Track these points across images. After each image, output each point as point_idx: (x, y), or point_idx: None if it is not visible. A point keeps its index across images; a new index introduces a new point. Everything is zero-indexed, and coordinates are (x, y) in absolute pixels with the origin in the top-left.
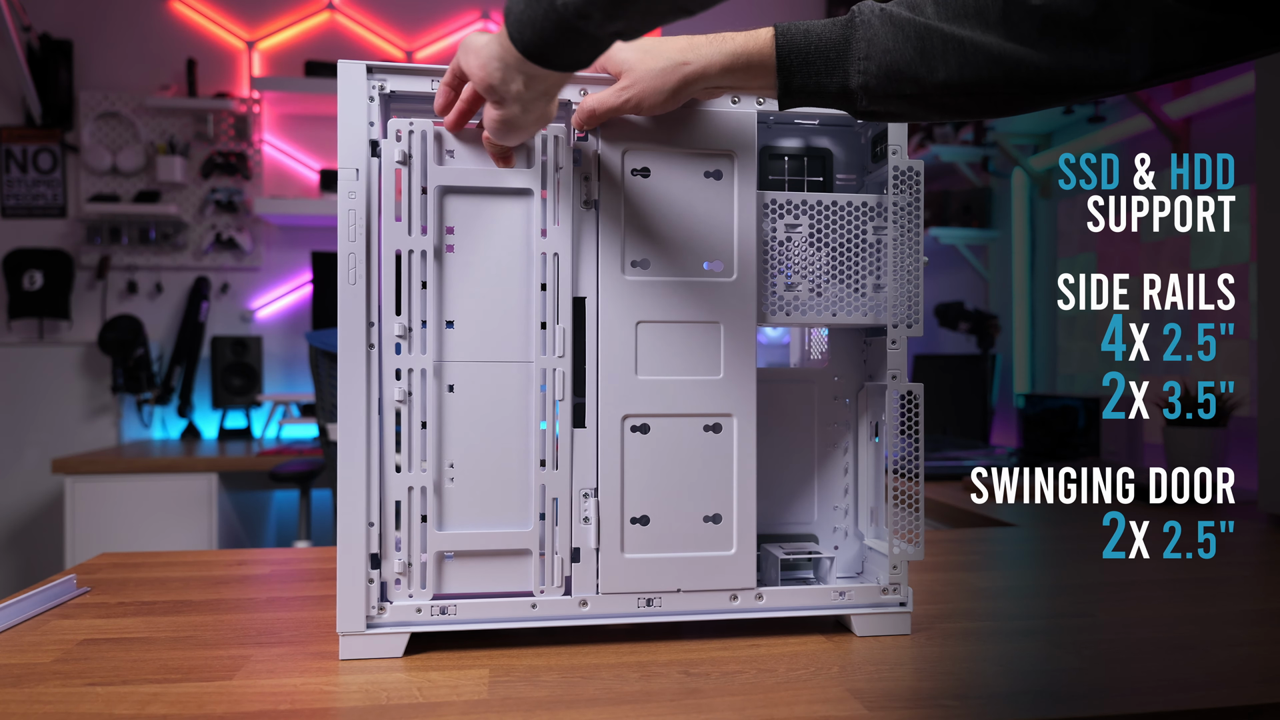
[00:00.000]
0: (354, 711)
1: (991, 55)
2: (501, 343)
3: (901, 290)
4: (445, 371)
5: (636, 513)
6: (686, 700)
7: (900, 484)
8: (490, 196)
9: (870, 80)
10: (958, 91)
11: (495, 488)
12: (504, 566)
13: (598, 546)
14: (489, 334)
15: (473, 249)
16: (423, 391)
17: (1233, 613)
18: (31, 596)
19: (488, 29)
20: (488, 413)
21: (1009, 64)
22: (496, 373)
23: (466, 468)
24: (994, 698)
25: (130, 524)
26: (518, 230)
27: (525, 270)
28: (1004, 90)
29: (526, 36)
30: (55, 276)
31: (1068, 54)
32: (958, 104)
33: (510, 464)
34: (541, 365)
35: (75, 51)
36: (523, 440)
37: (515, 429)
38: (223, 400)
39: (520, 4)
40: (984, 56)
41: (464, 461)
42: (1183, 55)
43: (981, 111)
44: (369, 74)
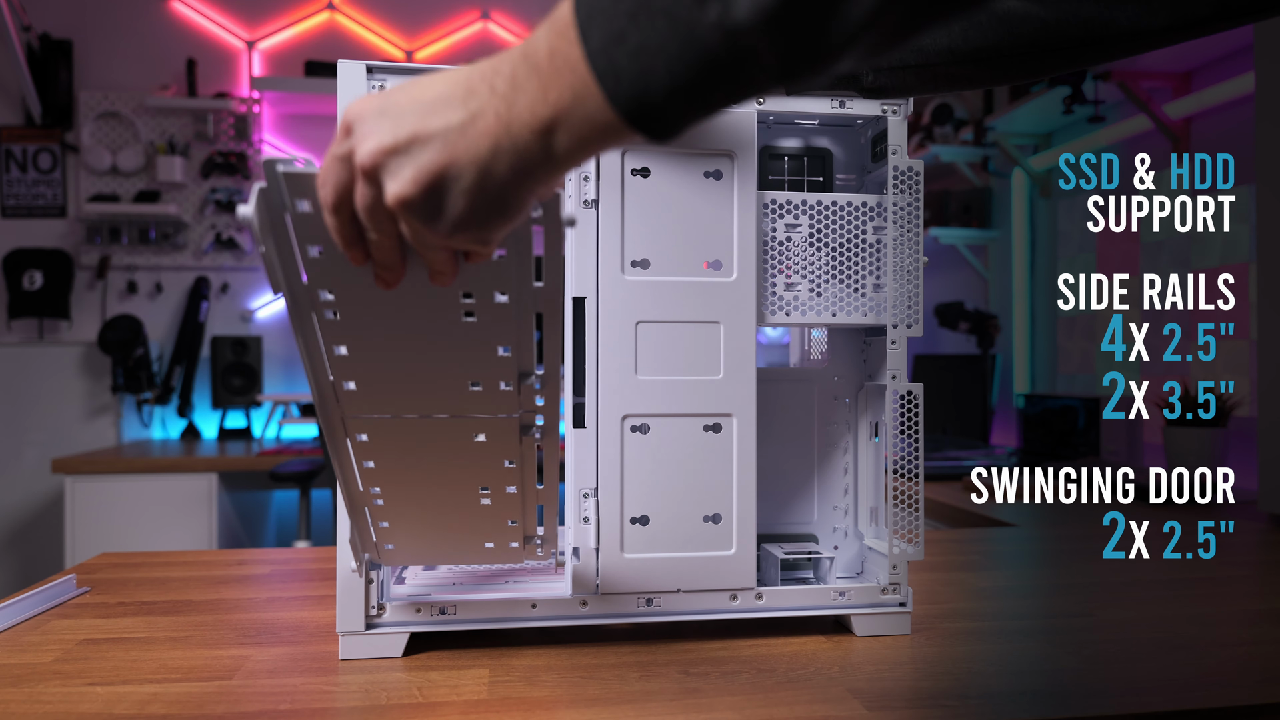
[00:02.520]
0: (353, 711)
1: (997, 16)
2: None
3: (901, 290)
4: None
5: (636, 513)
6: (686, 700)
7: (900, 484)
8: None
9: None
10: (964, 59)
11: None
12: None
13: (598, 546)
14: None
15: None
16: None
17: (1233, 613)
18: (31, 596)
19: (487, 29)
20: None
21: (1014, 22)
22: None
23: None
24: (993, 698)
25: (130, 524)
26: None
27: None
28: (1012, 53)
29: (644, 79)
30: (55, 276)
31: (1077, 5)
32: (966, 73)
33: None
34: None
35: (75, 51)
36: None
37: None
38: (223, 400)
39: (620, 20)
40: (989, 18)
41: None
42: (1200, 8)
43: (994, 78)
44: (369, 74)
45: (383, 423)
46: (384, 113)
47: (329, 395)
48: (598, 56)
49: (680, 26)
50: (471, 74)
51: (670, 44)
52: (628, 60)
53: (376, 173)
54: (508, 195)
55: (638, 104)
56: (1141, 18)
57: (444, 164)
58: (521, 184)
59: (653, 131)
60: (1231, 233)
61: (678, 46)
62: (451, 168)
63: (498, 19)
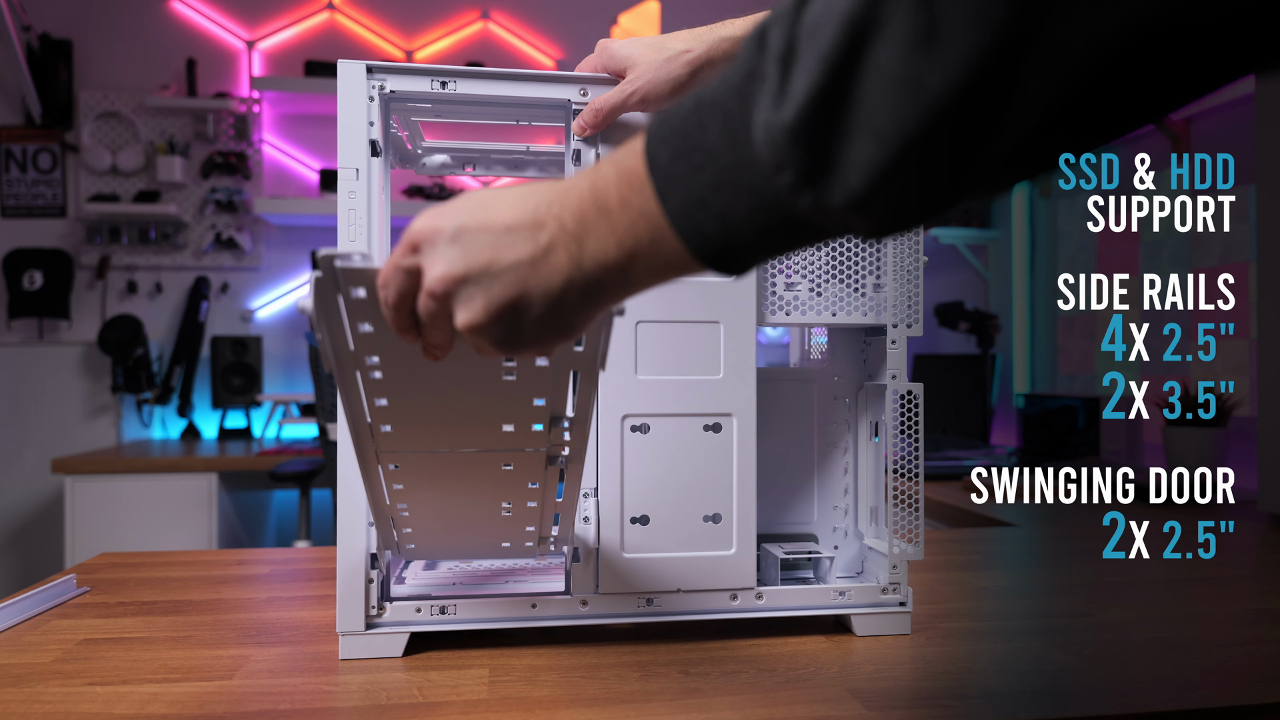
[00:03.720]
0: (354, 711)
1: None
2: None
3: (901, 290)
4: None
5: (636, 512)
6: (686, 700)
7: (900, 484)
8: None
9: None
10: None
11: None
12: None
13: (598, 546)
14: None
15: None
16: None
17: (1233, 613)
18: (31, 596)
19: (488, 29)
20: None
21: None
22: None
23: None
24: (993, 697)
25: (130, 524)
26: None
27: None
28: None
29: (714, 231)
30: (55, 276)
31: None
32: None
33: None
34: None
35: (75, 51)
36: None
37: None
38: (223, 400)
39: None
40: None
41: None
42: None
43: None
44: (369, 74)
45: (410, 456)
46: (455, 240)
47: (365, 434)
48: (679, 218)
49: (768, 204)
50: (539, 203)
51: (759, 217)
52: (712, 224)
53: (447, 299)
54: (574, 320)
55: (718, 255)
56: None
57: (515, 297)
58: (589, 310)
59: (730, 272)
60: (1231, 233)
61: (766, 219)
62: (522, 300)
63: (498, 19)
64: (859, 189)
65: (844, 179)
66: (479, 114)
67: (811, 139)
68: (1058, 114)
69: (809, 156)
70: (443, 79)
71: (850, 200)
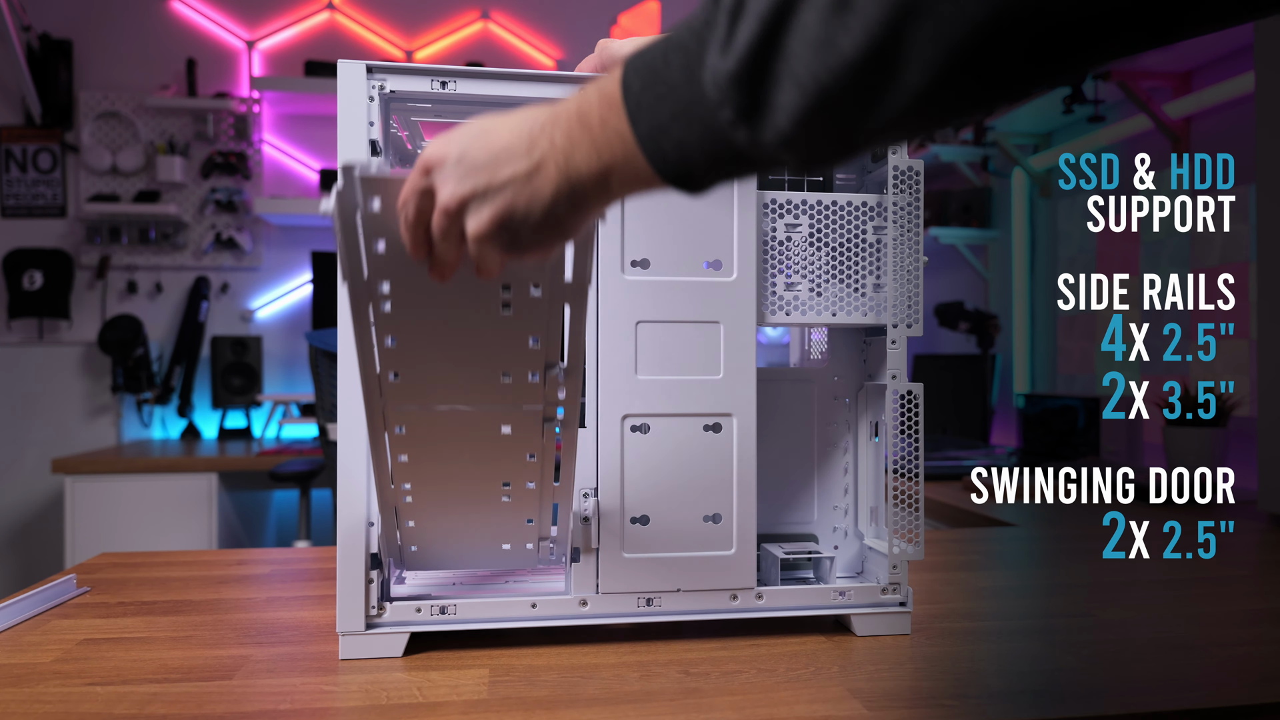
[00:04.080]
0: (354, 711)
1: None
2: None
3: (901, 290)
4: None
5: (636, 512)
6: (686, 700)
7: (900, 484)
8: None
9: None
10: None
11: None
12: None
13: (598, 546)
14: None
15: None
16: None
17: (1233, 613)
18: (31, 596)
19: (488, 29)
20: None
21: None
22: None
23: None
24: (993, 697)
25: (130, 524)
26: None
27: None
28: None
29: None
30: (55, 276)
31: None
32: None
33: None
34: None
35: (75, 51)
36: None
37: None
38: (223, 400)
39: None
40: None
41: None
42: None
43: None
44: (369, 74)
45: (419, 415)
46: (461, 161)
47: (374, 388)
48: (646, 140)
49: (714, 135)
50: (533, 126)
51: (707, 144)
52: (671, 148)
53: (459, 214)
54: (566, 224)
55: (677, 175)
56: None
57: (515, 206)
58: (577, 216)
59: (688, 190)
60: (1231, 233)
61: (713, 147)
62: (521, 209)
63: (498, 19)
64: (785, 129)
65: (773, 120)
66: (479, 114)
67: (749, 84)
68: (947, 75)
69: (747, 98)
70: (443, 79)
71: (778, 138)
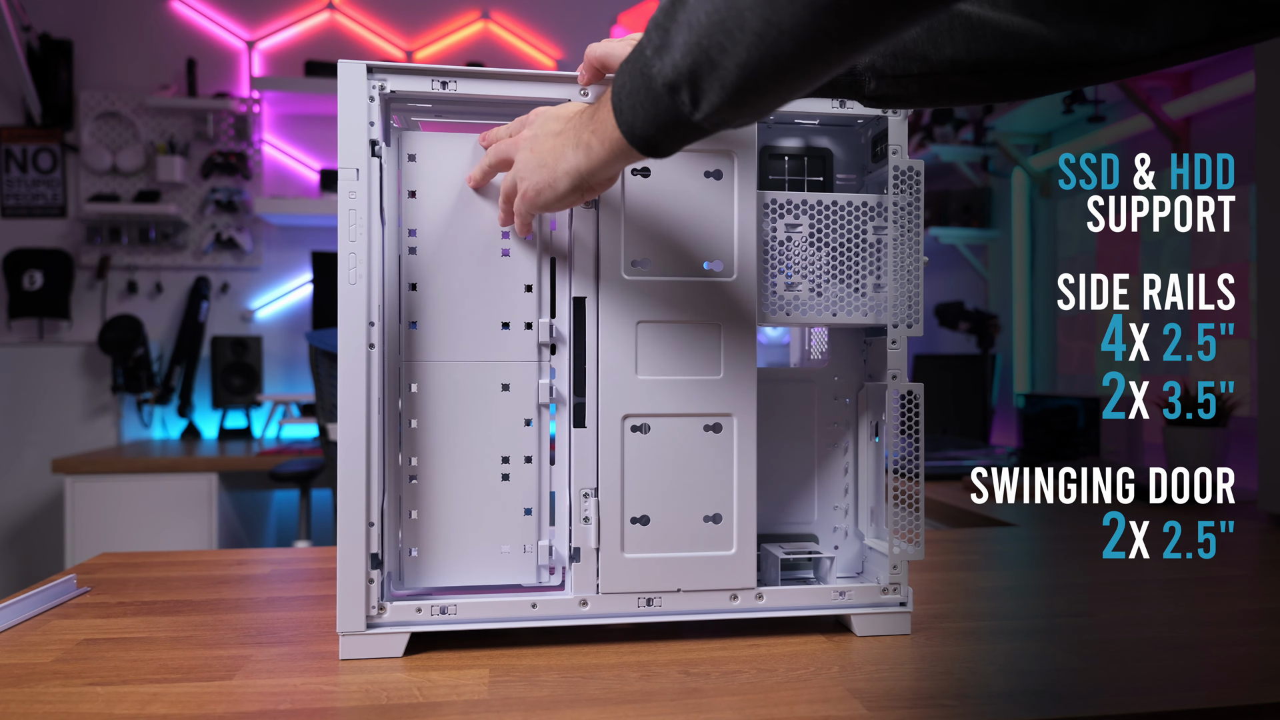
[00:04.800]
0: (354, 711)
1: (1000, 30)
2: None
3: (901, 290)
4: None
5: (636, 512)
6: (686, 700)
7: (900, 484)
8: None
9: (877, 60)
10: (967, 70)
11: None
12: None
13: (598, 546)
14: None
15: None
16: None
17: (1233, 613)
18: (31, 596)
19: (488, 29)
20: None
21: (1017, 38)
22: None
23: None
24: (994, 697)
25: (130, 524)
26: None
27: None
28: (1013, 68)
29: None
30: (55, 276)
31: (1077, 27)
32: (968, 84)
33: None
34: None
35: (75, 51)
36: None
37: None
38: (223, 400)
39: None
40: (992, 31)
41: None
42: (1196, 31)
43: (995, 93)
44: (369, 74)
45: (431, 369)
46: (527, 146)
47: (394, 340)
48: (623, 125)
49: (663, 114)
50: (576, 122)
51: (660, 120)
52: (642, 126)
53: (520, 181)
54: (592, 186)
55: (645, 145)
56: (1141, 42)
57: (555, 179)
58: (596, 183)
59: (654, 155)
60: (1231, 233)
61: (664, 122)
62: (560, 181)
63: (498, 19)
64: (721, 109)
65: (711, 105)
66: (479, 114)
67: (687, 85)
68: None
69: (687, 95)
70: (443, 79)
71: (709, 116)
